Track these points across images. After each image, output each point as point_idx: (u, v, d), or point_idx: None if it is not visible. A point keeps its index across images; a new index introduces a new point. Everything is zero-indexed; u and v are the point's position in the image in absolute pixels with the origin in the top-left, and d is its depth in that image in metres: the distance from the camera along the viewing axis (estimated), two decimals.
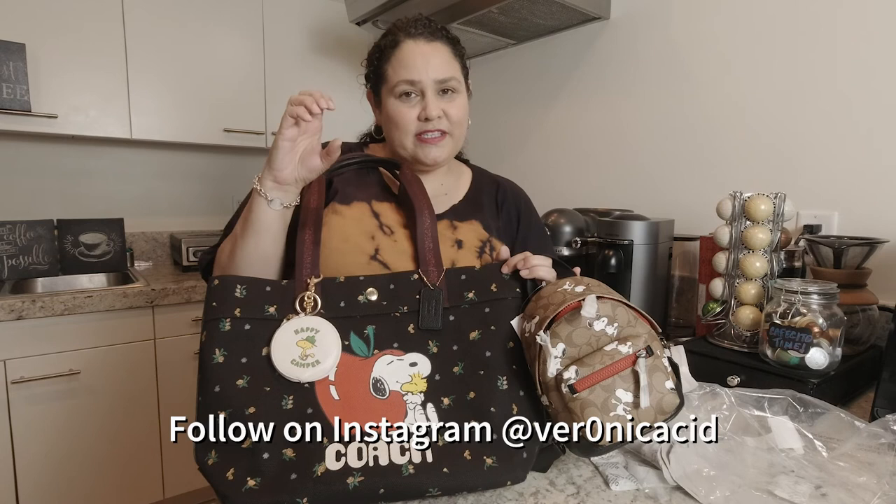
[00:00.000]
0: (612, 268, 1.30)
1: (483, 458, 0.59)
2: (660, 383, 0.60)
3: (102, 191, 2.26)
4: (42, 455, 1.67)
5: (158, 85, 2.02)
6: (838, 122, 1.23)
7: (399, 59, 0.82)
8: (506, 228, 0.93)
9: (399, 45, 0.83)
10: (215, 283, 0.66)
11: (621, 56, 1.70)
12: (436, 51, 0.83)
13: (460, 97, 0.85)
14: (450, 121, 0.83)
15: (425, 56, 0.82)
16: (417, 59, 0.81)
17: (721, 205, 1.06)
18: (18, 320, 1.59)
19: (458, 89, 0.85)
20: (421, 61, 0.81)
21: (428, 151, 0.84)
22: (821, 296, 0.89)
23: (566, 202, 1.82)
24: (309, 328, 0.64)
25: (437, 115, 0.81)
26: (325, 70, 2.39)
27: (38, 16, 1.78)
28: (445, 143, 0.84)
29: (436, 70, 0.81)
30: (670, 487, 0.63)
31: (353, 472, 0.56)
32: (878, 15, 1.16)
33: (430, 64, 0.81)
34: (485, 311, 0.70)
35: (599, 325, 0.62)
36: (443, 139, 0.84)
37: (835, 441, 0.71)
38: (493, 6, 1.62)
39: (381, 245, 0.79)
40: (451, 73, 0.83)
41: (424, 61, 0.81)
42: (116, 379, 1.77)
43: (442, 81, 0.82)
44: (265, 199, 0.71)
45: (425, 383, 0.64)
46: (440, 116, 0.82)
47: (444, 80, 0.82)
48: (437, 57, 0.82)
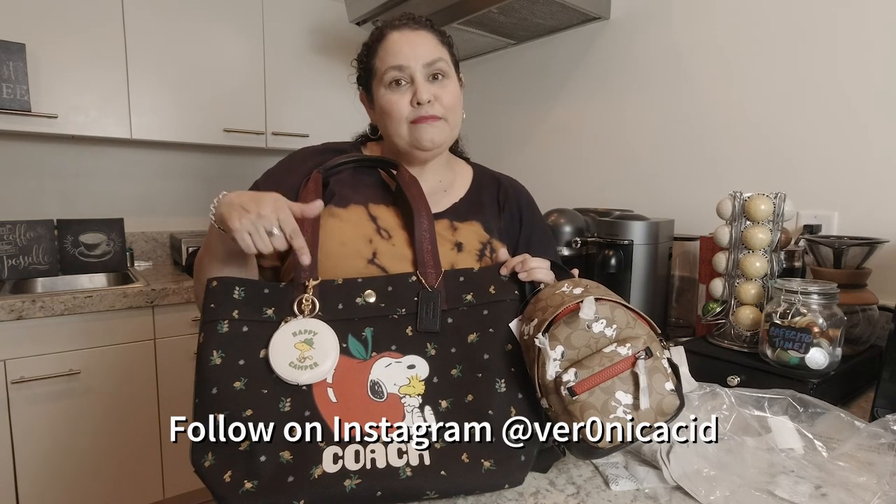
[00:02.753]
0: (611, 268, 1.29)
1: (481, 461, 0.59)
2: (660, 385, 0.60)
3: (102, 191, 2.26)
4: (42, 455, 1.67)
5: (158, 85, 2.02)
6: (838, 122, 1.22)
7: (385, 48, 0.82)
8: (508, 229, 0.92)
9: (385, 37, 0.83)
10: (213, 284, 0.65)
11: (621, 56, 1.70)
12: (421, 37, 0.82)
13: (451, 82, 0.84)
14: (443, 105, 0.82)
15: (411, 42, 0.81)
16: (404, 46, 0.81)
17: (721, 205, 1.05)
18: (18, 320, 1.59)
19: (447, 73, 0.83)
20: (408, 47, 0.81)
21: (424, 132, 0.81)
22: (821, 296, 0.88)
23: (566, 202, 1.81)
24: (307, 330, 0.64)
25: (429, 98, 0.80)
26: (325, 70, 2.39)
27: (38, 16, 1.78)
28: (441, 126, 0.83)
29: (423, 54, 0.81)
30: (670, 487, 0.63)
31: (350, 475, 0.56)
32: (878, 15, 1.15)
33: (416, 49, 0.81)
34: (483, 314, 0.69)
35: (598, 327, 0.62)
36: (437, 120, 0.82)
37: (835, 441, 0.71)
38: (493, 6, 1.62)
39: (379, 249, 0.78)
40: (437, 54, 0.82)
41: (411, 47, 0.81)
42: (116, 379, 1.77)
43: (430, 64, 0.81)
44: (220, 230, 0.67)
45: (423, 386, 0.64)
46: (431, 101, 0.81)
47: (431, 63, 0.81)
48: (423, 43, 0.82)
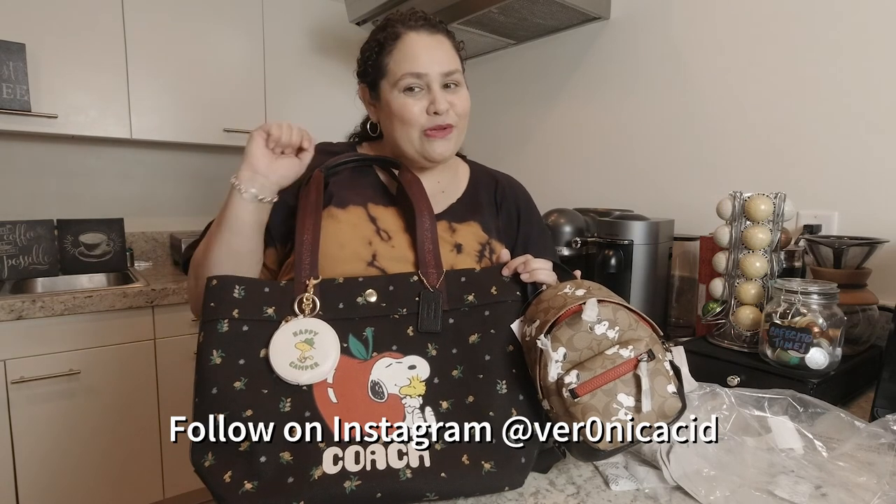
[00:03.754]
0: (612, 268, 1.29)
1: (481, 464, 0.59)
2: (661, 387, 0.59)
3: (102, 191, 2.26)
4: (42, 455, 1.67)
5: (158, 85, 2.02)
6: (838, 122, 1.22)
7: (402, 51, 0.80)
8: (506, 228, 0.91)
9: (401, 38, 0.81)
10: (213, 283, 0.65)
11: (621, 56, 1.70)
12: (439, 43, 0.81)
13: (463, 90, 0.84)
14: (457, 113, 0.82)
15: (429, 49, 0.80)
16: (422, 52, 0.79)
17: (721, 205, 1.05)
18: (18, 320, 1.59)
19: (461, 82, 0.84)
20: (425, 54, 0.79)
21: (435, 146, 0.82)
22: (821, 296, 0.88)
23: (566, 202, 1.81)
24: (308, 330, 0.63)
25: (446, 108, 0.80)
26: (325, 70, 2.39)
27: (38, 16, 1.78)
28: (452, 137, 0.83)
29: (441, 63, 0.80)
30: (670, 487, 0.63)
31: (350, 476, 0.55)
32: (879, 15, 1.15)
33: (434, 57, 0.79)
34: (484, 314, 0.69)
35: (600, 329, 0.62)
36: (450, 132, 0.82)
37: (835, 441, 0.71)
38: (493, 6, 1.62)
39: (379, 251, 0.77)
40: (455, 65, 0.82)
41: (429, 54, 0.79)
42: (116, 379, 1.77)
43: (447, 74, 0.80)
44: (239, 191, 0.72)
45: (424, 387, 0.64)
46: (448, 109, 0.81)
47: (449, 73, 0.80)
48: (440, 50, 0.81)
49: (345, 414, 0.60)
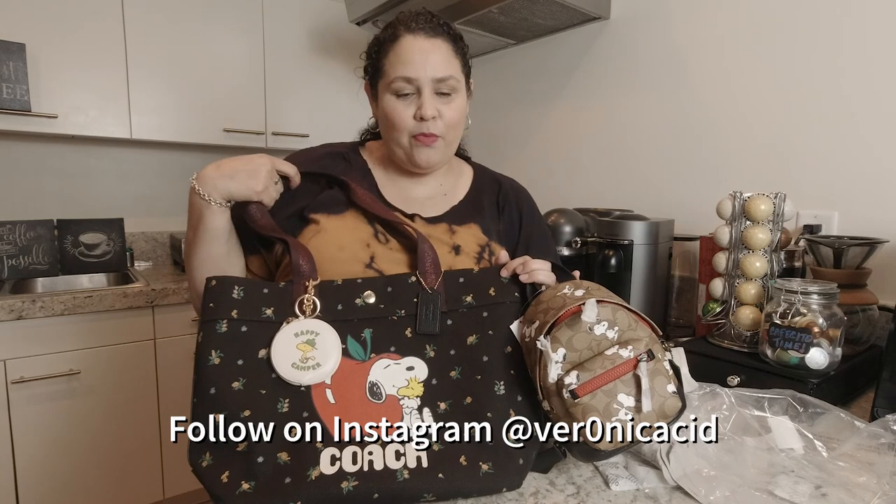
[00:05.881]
0: (611, 268, 1.29)
1: (479, 464, 0.59)
2: (661, 387, 0.59)
3: (102, 191, 2.26)
4: (42, 455, 1.67)
5: (158, 85, 2.02)
6: (838, 122, 1.22)
7: (397, 54, 0.79)
8: (507, 231, 0.91)
9: (398, 40, 0.79)
10: (212, 283, 0.66)
11: (621, 56, 1.70)
12: (436, 48, 0.79)
13: (458, 98, 0.82)
14: (444, 123, 0.80)
15: (424, 53, 0.77)
16: (415, 56, 0.77)
17: (721, 205, 1.05)
18: (18, 320, 1.59)
19: (456, 89, 0.81)
20: (419, 58, 0.77)
21: (421, 153, 0.81)
22: (821, 296, 0.88)
23: (566, 202, 1.81)
24: (309, 331, 0.63)
25: (433, 115, 0.78)
26: (325, 70, 2.39)
27: (38, 16, 1.78)
28: (438, 147, 0.81)
29: (434, 68, 0.78)
30: (670, 487, 0.63)
31: (347, 477, 0.55)
32: (879, 15, 1.15)
33: (428, 61, 0.78)
34: (483, 316, 0.69)
35: (600, 330, 0.62)
36: (435, 141, 0.80)
37: (835, 441, 0.71)
38: (493, 6, 1.62)
39: (377, 253, 0.77)
40: (449, 71, 0.79)
41: (423, 58, 0.77)
42: (116, 379, 1.77)
43: (440, 80, 0.78)
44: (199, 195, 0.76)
45: (422, 388, 0.64)
46: (435, 117, 0.79)
47: (442, 79, 0.78)
48: (436, 54, 0.78)
49: (343, 415, 0.60)
